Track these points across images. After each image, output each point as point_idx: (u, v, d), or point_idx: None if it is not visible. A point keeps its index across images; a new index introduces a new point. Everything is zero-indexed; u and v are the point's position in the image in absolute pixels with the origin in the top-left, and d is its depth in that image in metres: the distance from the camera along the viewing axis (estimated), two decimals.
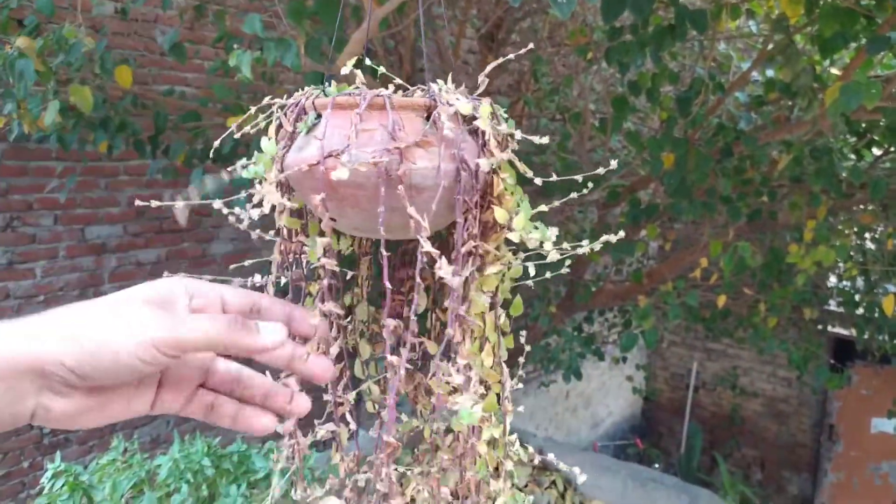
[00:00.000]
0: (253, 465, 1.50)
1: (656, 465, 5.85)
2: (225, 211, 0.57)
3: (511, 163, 0.55)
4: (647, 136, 2.62)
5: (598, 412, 6.12)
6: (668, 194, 2.40)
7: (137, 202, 0.62)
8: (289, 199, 0.56)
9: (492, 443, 0.57)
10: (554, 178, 0.61)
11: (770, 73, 2.75)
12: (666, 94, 2.51)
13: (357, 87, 0.55)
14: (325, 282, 0.52)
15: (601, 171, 0.59)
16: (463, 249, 0.52)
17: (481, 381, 0.56)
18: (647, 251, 3.60)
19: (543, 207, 0.56)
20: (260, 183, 0.54)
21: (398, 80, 0.57)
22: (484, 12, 2.81)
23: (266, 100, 0.57)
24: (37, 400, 0.42)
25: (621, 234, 0.62)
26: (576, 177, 0.61)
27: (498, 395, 0.58)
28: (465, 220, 0.52)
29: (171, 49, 1.92)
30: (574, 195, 0.69)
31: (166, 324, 0.43)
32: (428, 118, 0.52)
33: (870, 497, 5.54)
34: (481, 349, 0.56)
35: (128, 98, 2.15)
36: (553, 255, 0.53)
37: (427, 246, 0.49)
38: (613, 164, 0.61)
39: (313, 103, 0.53)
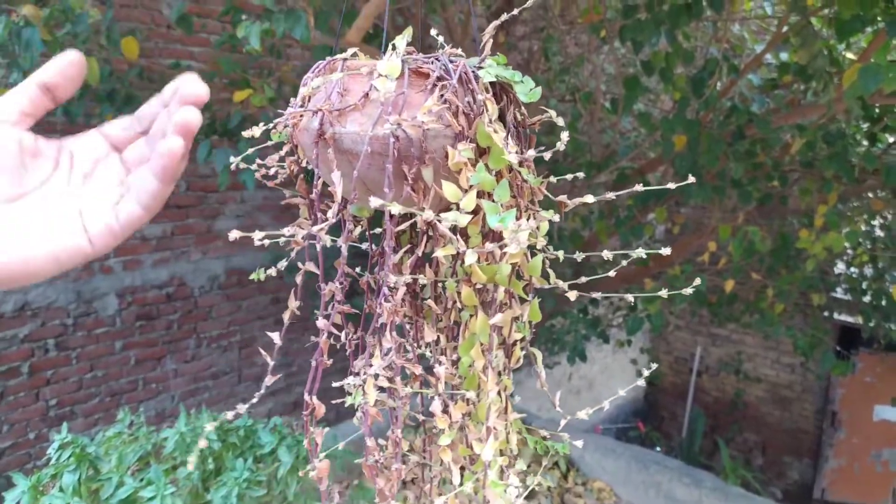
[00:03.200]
0: (259, 440, 1.50)
1: (658, 449, 5.88)
2: (254, 168, 0.56)
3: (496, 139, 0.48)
4: (659, 118, 2.58)
5: (602, 395, 6.14)
6: (679, 176, 2.38)
7: None
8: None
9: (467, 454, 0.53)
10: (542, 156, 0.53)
11: (784, 55, 2.71)
12: (679, 75, 2.48)
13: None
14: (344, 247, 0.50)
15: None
16: (404, 226, 0.48)
17: (478, 386, 0.52)
18: (654, 234, 3.59)
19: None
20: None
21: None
22: None
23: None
24: None
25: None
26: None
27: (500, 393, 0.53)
28: (402, 191, 0.47)
29: (178, 20, 1.89)
30: (576, 175, 0.64)
31: None
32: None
33: (870, 484, 5.55)
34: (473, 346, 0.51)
35: (134, 70, 2.13)
36: (512, 249, 0.46)
37: (335, 214, 0.47)
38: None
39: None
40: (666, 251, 0.55)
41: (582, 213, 3.12)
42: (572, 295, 0.55)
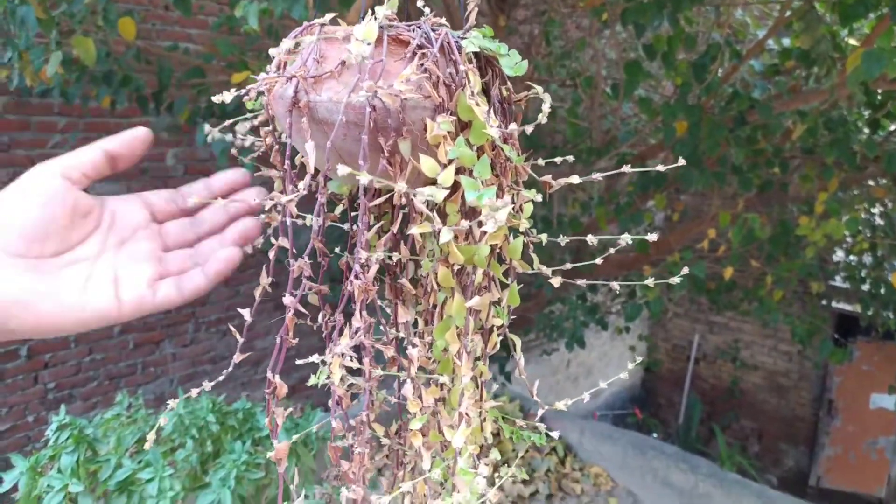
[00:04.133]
0: (257, 423, 1.50)
1: (655, 435, 5.90)
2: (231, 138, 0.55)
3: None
4: (660, 103, 2.57)
5: (600, 382, 6.15)
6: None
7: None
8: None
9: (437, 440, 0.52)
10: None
11: (786, 41, 2.69)
12: (681, 60, 2.46)
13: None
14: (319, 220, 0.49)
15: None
16: (379, 200, 0.46)
17: (453, 371, 0.50)
18: (653, 221, 3.58)
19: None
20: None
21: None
22: None
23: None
24: None
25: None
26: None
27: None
28: (378, 164, 0.45)
29: (175, 1, 1.87)
30: (569, 158, 0.63)
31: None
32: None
33: (865, 472, 5.59)
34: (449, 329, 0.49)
35: (131, 52, 2.10)
36: (489, 227, 0.43)
37: (306, 185, 0.46)
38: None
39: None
40: (652, 237, 0.54)
41: (582, 200, 3.11)
42: (556, 281, 0.54)
